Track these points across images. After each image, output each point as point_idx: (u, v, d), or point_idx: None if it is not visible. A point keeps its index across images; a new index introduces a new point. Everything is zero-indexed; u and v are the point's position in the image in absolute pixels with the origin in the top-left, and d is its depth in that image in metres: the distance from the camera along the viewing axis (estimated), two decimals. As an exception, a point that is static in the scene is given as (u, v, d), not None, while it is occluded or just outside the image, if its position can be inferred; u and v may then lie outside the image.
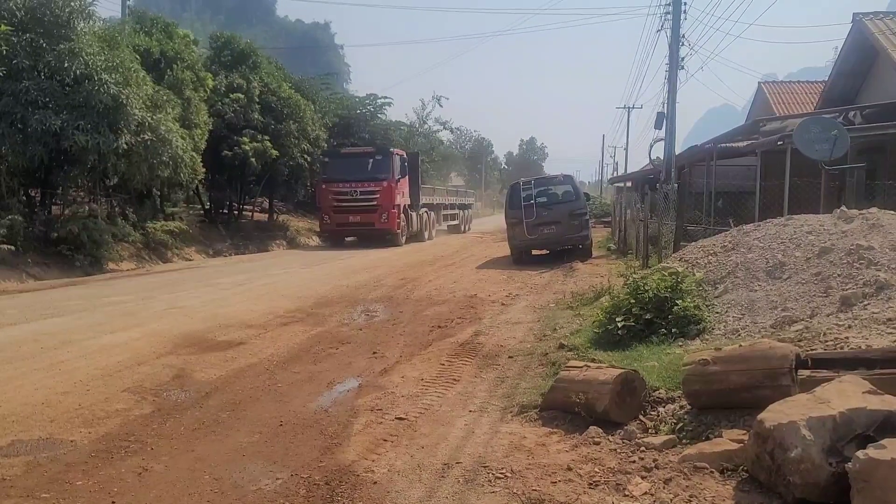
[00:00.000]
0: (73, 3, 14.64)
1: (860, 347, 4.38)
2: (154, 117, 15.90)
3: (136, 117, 15.19)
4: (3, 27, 13.65)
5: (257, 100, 22.59)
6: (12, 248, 13.58)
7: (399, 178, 24.22)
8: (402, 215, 24.75)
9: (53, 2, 14.32)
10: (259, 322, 9.06)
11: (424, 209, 27.73)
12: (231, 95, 21.83)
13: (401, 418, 5.05)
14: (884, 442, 2.89)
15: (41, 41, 13.98)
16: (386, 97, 34.53)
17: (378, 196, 23.65)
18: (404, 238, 24.96)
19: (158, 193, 20.81)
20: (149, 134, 15.76)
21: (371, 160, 24.16)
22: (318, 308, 10.28)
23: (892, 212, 7.12)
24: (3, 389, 5.81)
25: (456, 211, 34.57)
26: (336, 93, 36.11)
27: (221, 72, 22.50)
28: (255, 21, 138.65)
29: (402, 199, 24.76)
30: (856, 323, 5.00)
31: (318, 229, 26.04)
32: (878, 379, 3.60)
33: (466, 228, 36.55)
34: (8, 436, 4.70)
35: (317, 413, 5.26)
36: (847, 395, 3.34)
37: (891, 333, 4.65)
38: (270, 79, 23.93)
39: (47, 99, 13.89)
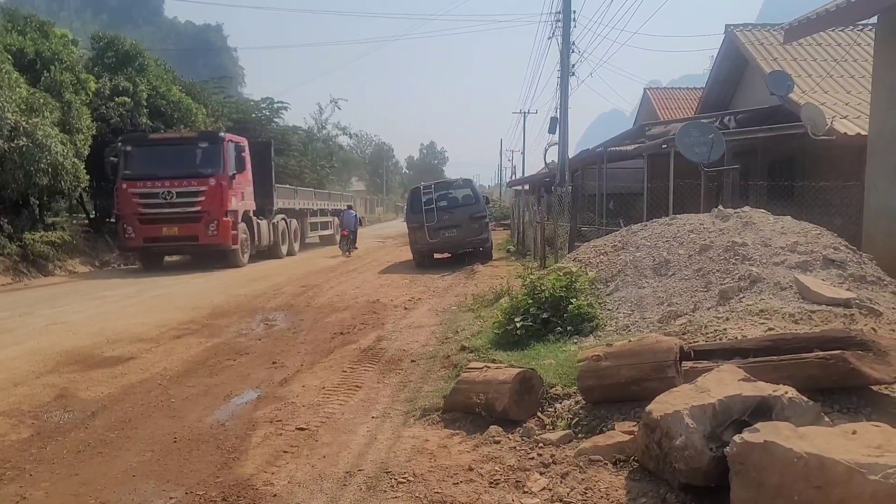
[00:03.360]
0: (-67, -1, 13.54)
1: (736, 338, 4.69)
2: (30, 122, 14.95)
3: (8, 121, 14.25)
4: None
5: (145, 104, 21.60)
6: None
7: (235, 175, 18.12)
8: (244, 225, 18.90)
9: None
10: (150, 335, 8.67)
11: (281, 216, 22.08)
12: (116, 99, 20.78)
13: (301, 428, 4.96)
14: (757, 426, 3.09)
15: None
16: (282, 101, 33.96)
17: (203, 199, 17.52)
18: (247, 255, 19.16)
19: (37, 202, 19.50)
20: (24, 139, 14.80)
21: (194, 149, 17.98)
22: (214, 319, 9.95)
23: (763, 210, 7.66)
24: None
25: (328, 218, 28.35)
26: (230, 96, 35.12)
27: (105, 74, 21.39)
28: (142, 21, 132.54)
29: (242, 202, 18.76)
30: (733, 315, 5.33)
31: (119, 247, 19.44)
32: (752, 367, 3.86)
33: None
34: None
35: (213, 427, 5.09)
36: (725, 383, 3.56)
37: (763, 324, 5.00)
38: (159, 82, 22.94)
39: None
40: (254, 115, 32.02)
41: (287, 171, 29.71)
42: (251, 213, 19.54)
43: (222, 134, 18.88)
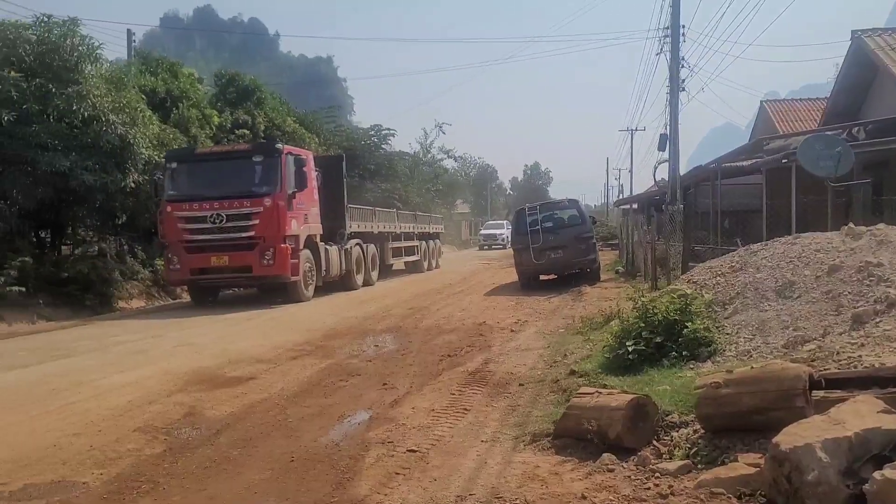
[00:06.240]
0: (80, 48, 14.93)
1: (873, 366, 4.34)
2: (161, 156, 16.13)
3: (143, 156, 15.46)
4: (13, 73, 13.91)
5: (262, 135, 22.88)
6: (23, 289, 13.62)
7: (295, 193, 15.31)
8: (307, 252, 15.97)
9: (62, 47, 14.61)
10: (269, 356, 9.05)
11: (356, 241, 18.89)
12: (237, 131, 22.14)
13: (412, 450, 5.01)
14: (901, 462, 2.86)
15: (50, 86, 14.19)
16: (389, 128, 34.87)
17: (257, 222, 14.76)
18: (312, 287, 16.18)
19: (167, 231, 20.96)
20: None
21: (247, 165, 15.30)
22: (327, 340, 10.28)
23: (900, 227, 7.10)
24: (14, 432, 5.82)
25: (414, 242, 24.69)
26: (340, 125, 36.48)
27: (227, 108, 22.87)
28: (259, 58, 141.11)
29: (305, 226, 15.85)
30: (868, 341, 4.96)
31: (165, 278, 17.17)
32: (892, 397, 3.57)
33: (434, 265, 27.36)
34: (20, 480, 4.69)
35: (328, 447, 5.23)
36: (862, 415, 3.32)
37: (904, 350, 4.61)
38: (275, 114, 24.26)
39: (56, 141, 14.09)
40: (363, 143, 33.06)
41: (394, 196, 30.41)
42: (317, 239, 16.62)
43: (279, 145, 15.94)
